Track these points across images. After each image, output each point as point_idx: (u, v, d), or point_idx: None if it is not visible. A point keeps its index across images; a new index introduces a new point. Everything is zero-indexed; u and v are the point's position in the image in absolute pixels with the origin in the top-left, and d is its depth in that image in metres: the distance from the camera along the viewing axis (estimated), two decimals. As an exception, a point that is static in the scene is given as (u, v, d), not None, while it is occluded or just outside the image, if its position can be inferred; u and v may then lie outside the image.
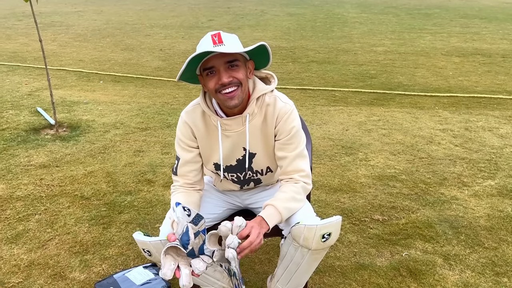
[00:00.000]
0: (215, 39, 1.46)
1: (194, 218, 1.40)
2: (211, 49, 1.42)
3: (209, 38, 1.47)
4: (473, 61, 6.68)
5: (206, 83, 1.52)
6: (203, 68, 1.50)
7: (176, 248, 1.40)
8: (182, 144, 1.65)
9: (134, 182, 3.02)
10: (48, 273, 2.13)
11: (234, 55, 1.48)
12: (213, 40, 1.45)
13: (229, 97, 1.50)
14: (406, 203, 2.74)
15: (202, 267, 1.38)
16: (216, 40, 1.45)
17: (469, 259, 2.21)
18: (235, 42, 1.50)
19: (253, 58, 1.57)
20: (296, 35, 9.14)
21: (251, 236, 1.42)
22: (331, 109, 4.53)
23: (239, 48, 1.49)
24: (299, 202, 1.60)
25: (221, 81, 1.47)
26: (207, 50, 1.42)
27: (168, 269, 1.37)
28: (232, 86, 1.48)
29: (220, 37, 1.46)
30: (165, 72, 6.23)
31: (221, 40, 1.45)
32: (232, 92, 1.49)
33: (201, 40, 1.50)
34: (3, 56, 7.24)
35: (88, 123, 4.12)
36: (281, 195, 1.58)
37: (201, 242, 1.41)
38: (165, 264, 1.38)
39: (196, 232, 1.40)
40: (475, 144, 3.61)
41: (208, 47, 1.44)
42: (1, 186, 2.96)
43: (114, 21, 11.27)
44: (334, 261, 2.21)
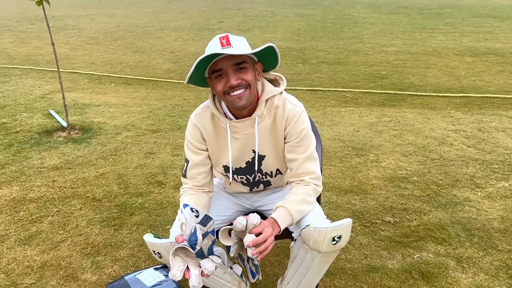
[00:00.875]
0: (223, 41, 1.46)
1: (203, 219, 1.40)
2: (219, 51, 1.43)
3: (217, 41, 1.47)
4: (486, 60, 6.60)
5: (215, 86, 1.53)
6: (212, 70, 1.50)
7: (185, 249, 1.40)
8: (191, 146, 1.66)
9: (145, 184, 3.04)
10: (61, 274, 2.15)
11: (242, 57, 1.48)
12: (221, 43, 1.45)
13: (237, 97, 1.50)
14: (418, 205, 2.71)
15: (211, 267, 1.38)
16: (224, 42, 1.45)
17: (483, 262, 2.18)
18: (243, 44, 1.50)
19: (261, 60, 1.57)
20: (306, 36, 9.12)
21: (264, 233, 1.42)
22: (341, 110, 4.51)
23: (247, 50, 1.49)
24: (310, 205, 1.59)
25: (229, 83, 1.47)
26: (215, 52, 1.42)
27: (178, 270, 1.37)
28: (240, 88, 1.48)
29: (228, 39, 1.46)
30: (175, 74, 6.26)
31: (229, 42, 1.45)
32: (240, 94, 1.49)
33: (210, 42, 1.51)
34: (16, 60, 7.35)
35: (100, 125, 4.16)
36: (292, 197, 1.57)
37: (210, 243, 1.42)
38: (174, 265, 1.38)
39: (205, 233, 1.40)
40: (488, 145, 3.57)
41: (216, 49, 1.44)
42: (15, 188, 3.00)
43: (125, 24, 11.37)
44: (345, 263, 2.19)
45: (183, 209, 1.42)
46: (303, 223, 1.57)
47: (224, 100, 1.56)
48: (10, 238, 2.44)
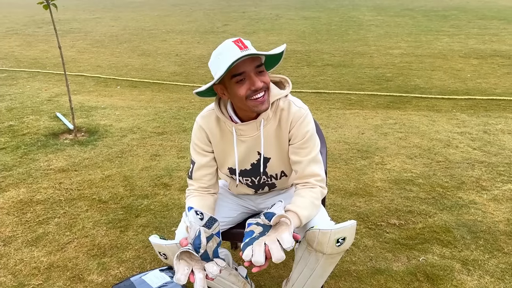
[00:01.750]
0: (239, 44, 1.43)
1: (207, 221, 1.41)
2: (241, 55, 1.38)
3: (233, 45, 1.43)
4: (491, 63, 6.57)
5: (236, 91, 1.47)
6: (233, 74, 1.44)
7: (190, 253, 1.41)
8: (197, 148, 1.67)
9: (150, 186, 3.06)
10: (67, 275, 2.17)
11: (260, 59, 1.48)
12: (238, 46, 1.42)
13: (260, 102, 1.49)
14: (423, 207, 2.71)
15: (216, 271, 1.39)
16: (241, 45, 1.43)
17: (488, 264, 2.17)
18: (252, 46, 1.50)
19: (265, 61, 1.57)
20: (311, 38, 9.13)
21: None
22: (346, 113, 4.51)
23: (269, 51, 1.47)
24: (317, 208, 1.60)
25: (254, 86, 1.45)
26: (243, 55, 1.38)
27: (182, 274, 1.37)
28: (262, 91, 1.48)
29: (243, 42, 1.44)
30: (181, 77, 6.29)
31: (245, 45, 1.43)
32: (262, 97, 1.48)
33: (221, 48, 1.46)
34: (24, 63, 7.41)
35: (106, 128, 4.19)
36: (300, 200, 1.56)
37: (215, 245, 1.42)
38: (178, 269, 1.38)
39: (209, 236, 1.41)
40: (494, 147, 3.55)
41: (235, 54, 1.40)
42: (22, 190, 3.02)
43: (131, 27, 11.44)
44: (349, 265, 2.19)
45: (188, 212, 1.43)
46: (308, 225, 1.57)
47: (243, 105, 1.51)
48: (18, 240, 2.46)
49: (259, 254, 1.34)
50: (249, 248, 1.36)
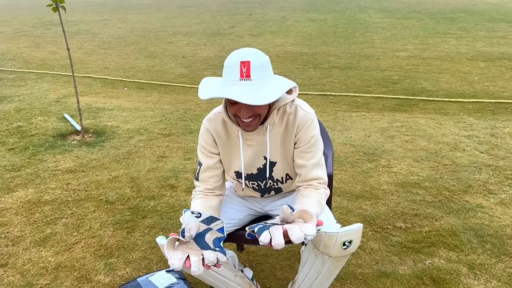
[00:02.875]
0: (244, 70, 1.40)
1: (206, 219, 1.42)
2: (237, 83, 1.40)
3: (238, 67, 1.41)
4: (499, 65, 6.54)
5: (227, 107, 1.55)
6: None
7: (186, 244, 1.41)
8: (204, 150, 1.68)
9: (157, 187, 3.07)
10: (74, 275, 2.18)
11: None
12: (241, 72, 1.40)
13: (246, 125, 1.52)
14: (430, 210, 2.70)
15: (212, 257, 1.35)
16: (244, 72, 1.40)
17: (495, 268, 2.16)
18: (263, 73, 1.43)
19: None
20: (317, 40, 9.13)
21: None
22: (353, 115, 4.50)
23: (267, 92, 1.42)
24: (322, 208, 1.61)
25: (240, 116, 1.49)
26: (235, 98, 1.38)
27: (176, 259, 1.34)
28: (250, 117, 1.50)
29: (249, 69, 1.40)
30: (187, 79, 6.32)
31: (249, 73, 1.40)
32: (249, 122, 1.51)
33: (229, 60, 1.44)
34: (32, 64, 7.48)
35: (113, 129, 4.22)
36: (307, 200, 1.56)
37: (214, 237, 1.42)
38: (171, 256, 1.35)
39: (207, 229, 1.42)
40: (501, 150, 3.53)
41: (234, 77, 1.41)
42: (30, 191, 3.05)
43: (138, 28, 11.50)
44: (355, 268, 2.19)
45: (183, 213, 1.45)
46: None
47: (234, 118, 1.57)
48: (26, 240, 2.48)
49: (279, 236, 1.31)
50: (266, 232, 1.33)
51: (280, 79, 1.54)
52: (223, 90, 1.43)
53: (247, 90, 1.40)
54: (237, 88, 1.41)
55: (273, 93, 1.42)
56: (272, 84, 1.46)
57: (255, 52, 1.44)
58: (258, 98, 1.39)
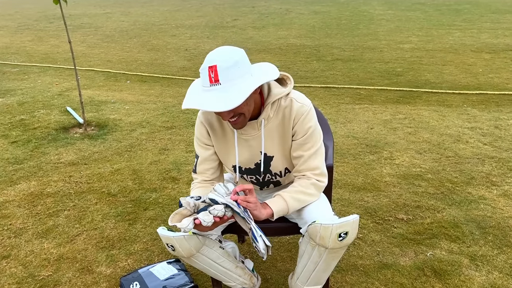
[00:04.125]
0: (212, 75, 1.39)
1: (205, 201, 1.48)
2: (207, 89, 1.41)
3: (206, 73, 1.40)
4: (504, 57, 6.48)
5: None
6: None
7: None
8: (199, 142, 1.68)
9: (159, 179, 3.08)
10: (76, 267, 2.20)
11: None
12: (209, 77, 1.39)
13: (232, 124, 1.52)
14: (432, 202, 2.69)
15: (209, 218, 1.42)
16: (213, 77, 1.39)
17: (497, 260, 2.15)
18: (233, 74, 1.39)
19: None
20: (321, 33, 9.08)
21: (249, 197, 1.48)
22: (355, 107, 4.48)
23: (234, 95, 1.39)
24: (310, 196, 1.60)
25: (222, 117, 1.49)
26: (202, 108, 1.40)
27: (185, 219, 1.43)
28: (233, 117, 1.48)
29: (216, 73, 1.38)
30: (190, 72, 6.31)
31: (217, 77, 1.38)
32: (234, 121, 1.50)
33: (202, 65, 1.43)
34: (35, 58, 7.49)
35: (115, 122, 4.22)
36: (290, 188, 1.61)
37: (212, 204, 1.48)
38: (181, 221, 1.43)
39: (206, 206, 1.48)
40: (505, 142, 3.51)
41: (205, 83, 1.41)
42: (33, 183, 3.06)
43: (141, 22, 11.48)
44: (356, 260, 2.19)
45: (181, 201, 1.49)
46: (310, 219, 1.57)
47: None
48: (28, 231, 2.50)
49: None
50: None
51: (258, 73, 1.48)
52: (194, 99, 1.45)
53: (216, 96, 1.39)
54: (208, 94, 1.41)
55: (238, 96, 1.38)
56: (245, 84, 1.41)
57: (223, 54, 1.40)
58: (225, 103, 1.37)
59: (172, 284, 1.97)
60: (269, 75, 1.50)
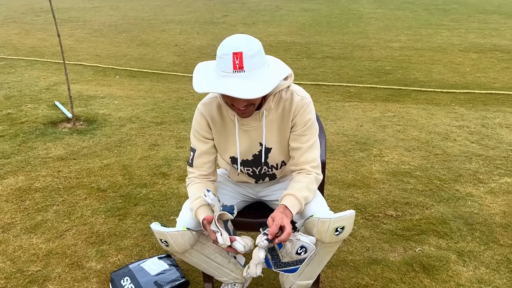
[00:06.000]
0: (236, 61, 1.38)
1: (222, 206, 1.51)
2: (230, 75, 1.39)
3: (230, 59, 1.38)
4: (491, 57, 6.57)
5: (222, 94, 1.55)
6: None
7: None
8: (197, 135, 1.67)
9: (149, 175, 3.06)
10: (66, 262, 2.18)
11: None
12: (233, 63, 1.38)
13: (241, 112, 1.52)
14: (420, 199, 2.72)
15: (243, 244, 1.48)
16: (237, 63, 1.38)
17: (484, 255, 2.19)
18: (256, 63, 1.41)
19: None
20: (311, 30, 9.10)
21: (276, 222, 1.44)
22: (345, 105, 4.51)
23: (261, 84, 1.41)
24: (312, 192, 1.62)
25: (235, 105, 1.48)
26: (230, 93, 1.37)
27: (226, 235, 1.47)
28: (246, 106, 1.49)
29: (242, 60, 1.38)
30: (180, 67, 6.27)
31: (241, 64, 1.38)
32: (244, 110, 1.50)
33: (222, 50, 1.41)
34: (22, 51, 7.38)
35: (105, 117, 4.19)
36: (297, 185, 1.58)
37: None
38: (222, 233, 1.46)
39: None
40: (491, 141, 3.57)
41: (228, 69, 1.39)
42: (21, 178, 3.03)
43: (130, 16, 11.37)
44: (346, 255, 2.21)
45: (207, 193, 1.50)
46: (307, 213, 1.59)
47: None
48: (16, 226, 2.47)
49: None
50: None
51: (274, 65, 1.53)
52: (217, 83, 1.41)
53: (240, 83, 1.38)
54: (231, 80, 1.39)
55: (267, 85, 1.41)
56: (266, 74, 1.44)
57: (247, 41, 1.41)
58: (252, 91, 1.38)
59: (163, 279, 1.96)
60: (284, 70, 1.52)
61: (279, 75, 1.47)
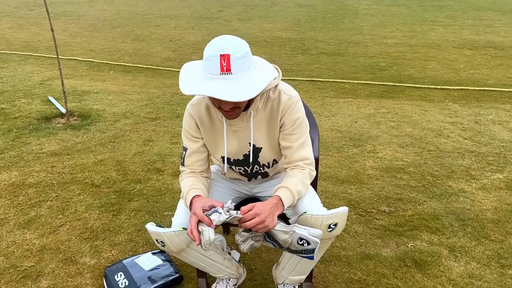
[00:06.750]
0: (224, 64, 1.36)
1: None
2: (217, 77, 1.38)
3: (217, 61, 1.37)
4: (485, 54, 6.61)
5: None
6: None
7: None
8: (187, 134, 1.67)
9: (143, 170, 3.06)
10: (60, 257, 2.18)
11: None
12: (221, 66, 1.37)
13: (228, 115, 1.52)
14: (413, 195, 2.74)
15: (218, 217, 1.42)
16: (225, 66, 1.36)
17: (475, 251, 2.21)
18: (244, 65, 1.40)
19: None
20: (306, 26, 9.09)
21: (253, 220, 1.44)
22: (340, 101, 4.52)
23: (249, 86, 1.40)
24: (306, 187, 1.62)
25: (222, 107, 1.48)
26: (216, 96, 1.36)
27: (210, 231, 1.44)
28: (232, 109, 1.48)
29: (229, 62, 1.36)
30: (174, 62, 6.25)
31: (229, 67, 1.36)
32: (231, 112, 1.50)
33: (208, 52, 1.40)
34: (15, 46, 7.32)
35: (99, 113, 4.17)
36: (291, 179, 1.58)
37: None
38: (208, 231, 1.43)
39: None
40: (484, 137, 3.60)
41: (215, 71, 1.38)
42: (14, 173, 3.02)
43: (125, 11, 11.31)
44: (339, 251, 2.23)
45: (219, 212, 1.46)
46: (300, 210, 1.59)
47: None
48: (10, 222, 2.46)
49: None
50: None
51: (261, 66, 1.51)
52: (204, 86, 1.40)
53: (227, 86, 1.37)
54: (217, 83, 1.38)
55: (254, 88, 1.40)
56: (253, 76, 1.43)
57: (234, 43, 1.39)
58: (239, 94, 1.37)
59: (157, 275, 1.97)
60: (271, 72, 1.51)
61: (266, 78, 1.45)
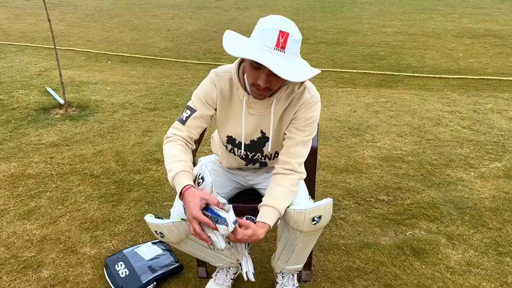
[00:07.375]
0: (281, 40, 1.35)
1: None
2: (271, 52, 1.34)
3: (275, 34, 1.34)
4: (484, 42, 6.58)
5: (247, 71, 1.47)
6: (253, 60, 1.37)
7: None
8: (203, 98, 1.60)
9: (142, 161, 3.07)
10: (60, 247, 2.19)
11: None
12: (277, 40, 1.34)
13: (260, 93, 1.48)
14: (412, 184, 2.75)
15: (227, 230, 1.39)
16: (281, 42, 1.35)
17: (473, 239, 2.23)
18: (296, 49, 1.40)
19: None
20: (304, 15, 9.04)
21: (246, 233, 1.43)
22: (339, 91, 4.51)
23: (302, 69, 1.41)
24: (294, 194, 1.59)
25: (259, 83, 1.43)
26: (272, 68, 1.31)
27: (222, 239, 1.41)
28: (267, 88, 1.46)
29: (286, 41, 1.35)
30: (172, 52, 6.22)
31: (285, 45, 1.35)
32: (264, 91, 1.47)
33: (267, 24, 1.37)
34: (12, 36, 7.27)
35: (97, 103, 4.16)
36: (278, 191, 1.56)
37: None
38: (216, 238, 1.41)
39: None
40: (483, 126, 3.60)
41: (269, 44, 1.35)
42: (13, 164, 3.02)
43: (122, 1, 11.22)
44: (338, 239, 2.24)
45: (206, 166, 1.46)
46: None
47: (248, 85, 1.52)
48: (10, 213, 2.47)
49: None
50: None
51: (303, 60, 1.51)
52: (259, 55, 1.34)
53: (282, 62, 1.34)
54: (270, 56, 1.34)
55: (305, 73, 1.40)
56: (302, 62, 1.43)
57: (294, 26, 1.38)
58: (292, 73, 1.35)
59: (157, 264, 1.99)
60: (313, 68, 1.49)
61: (313, 69, 1.45)
